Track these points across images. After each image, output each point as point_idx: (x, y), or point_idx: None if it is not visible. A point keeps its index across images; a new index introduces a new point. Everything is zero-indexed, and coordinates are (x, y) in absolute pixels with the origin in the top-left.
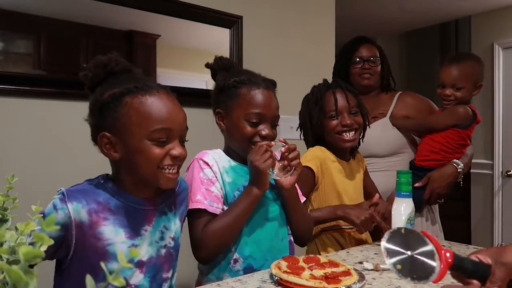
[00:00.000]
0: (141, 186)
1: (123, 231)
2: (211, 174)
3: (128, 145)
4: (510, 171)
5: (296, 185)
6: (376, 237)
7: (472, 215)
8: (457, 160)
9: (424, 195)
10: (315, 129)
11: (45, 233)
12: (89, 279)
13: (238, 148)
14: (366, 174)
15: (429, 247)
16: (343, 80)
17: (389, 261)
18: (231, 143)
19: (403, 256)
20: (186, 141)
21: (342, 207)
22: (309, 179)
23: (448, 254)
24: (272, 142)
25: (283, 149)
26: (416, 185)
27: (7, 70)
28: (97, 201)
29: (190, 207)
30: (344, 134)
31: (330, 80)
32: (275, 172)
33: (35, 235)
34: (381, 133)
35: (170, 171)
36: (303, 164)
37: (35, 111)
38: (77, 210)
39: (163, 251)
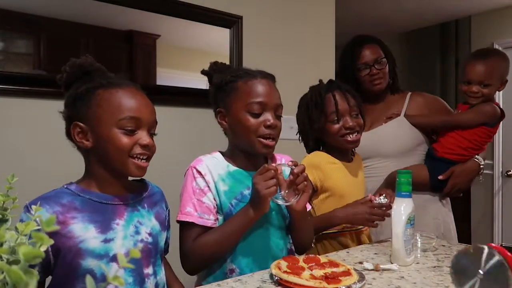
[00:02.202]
0: (111, 180)
1: (93, 226)
2: (203, 184)
3: (98, 133)
4: (510, 171)
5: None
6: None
7: (472, 215)
8: (479, 156)
9: (446, 189)
10: (316, 132)
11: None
12: (89, 279)
13: (245, 145)
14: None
15: (498, 258)
16: (354, 86)
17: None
18: (237, 141)
19: (473, 280)
20: (155, 134)
21: (338, 213)
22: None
23: None
24: (281, 167)
25: (291, 176)
26: (440, 177)
27: (7, 70)
28: (60, 204)
29: (179, 219)
30: (348, 136)
31: (326, 80)
32: (281, 194)
33: (35, 235)
34: (396, 132)
35: (140, 161)
36: None
37: (35, 111)
38: (41, 214)
39: (140, 245)
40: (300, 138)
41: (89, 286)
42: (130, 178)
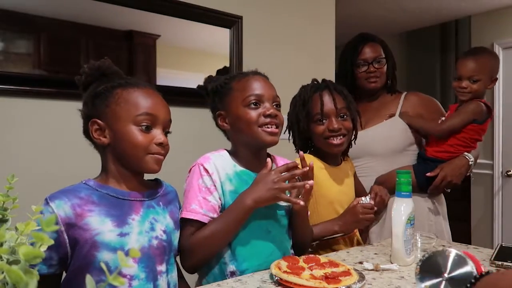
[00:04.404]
0: (127, 176)
1: (110, 220)
2: (210, 182)
3: (115, 130)
4: (510, 171)
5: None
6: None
7: (472, 215)
8: (468, 153)
9: (435, 182)
10: (302, 133)
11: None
12: (89, 279)
13: (249, 139)
14: (355, 176)
15: (469, 269)
16: (350, 83)
17: (420, 284)
18: (241, 138)
19: (437, 280)
20: (169, 132)
21: (337, 221)
22: None
23: None
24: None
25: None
26: (428, 174)
27: (7, 70)
28: (78, 197)
29: (183, 216)
30: (332, 139)
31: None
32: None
33: (35, 235)
34: (387, 132)
35: (157, 156)
36: None
37: (35, 111)
38: (60, 206)
39: (155, 242)
40: (289, 137)
41: (89, 286)
42: (145, 177)
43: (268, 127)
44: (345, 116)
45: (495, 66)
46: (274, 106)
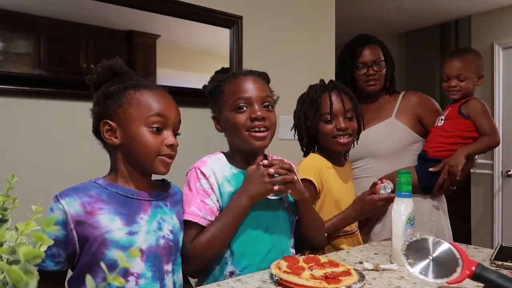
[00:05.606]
0: (136, 176)
1: (119, 218)
2: (207, 185)
3: (127, 130)
4: (510, 171)
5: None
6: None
7: (472, 215)
8: None
9: (439, 180)
10: (309, 130)
11: (50, 235)
12: (89, 279)
13: (239, 143)
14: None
15: (455, 256)
16: (349, 85)
17: (404, 256)
18: (232, 141)
19: (425, 261)
20: (179, 134)
21: (351, 213)
22: (311, 192)
23: (473, 268)
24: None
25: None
26: (431, 169)
27: (7, 70)
28: (88, 195)
29: (183, 218)
30: (339, 137)
31: (328, 80)
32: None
33: (35, 235)
34: (387, 132)
35: (166, 158)
36: (301, 177)
37: (35, 111)
38: (70, 203)
39: (162, 241)
40: (295, 135)
41: (89, 286)
42: (153, 177)
43: (255, 131)
44: (352, 117)
45: (479, 63)
46: (265, 107)
